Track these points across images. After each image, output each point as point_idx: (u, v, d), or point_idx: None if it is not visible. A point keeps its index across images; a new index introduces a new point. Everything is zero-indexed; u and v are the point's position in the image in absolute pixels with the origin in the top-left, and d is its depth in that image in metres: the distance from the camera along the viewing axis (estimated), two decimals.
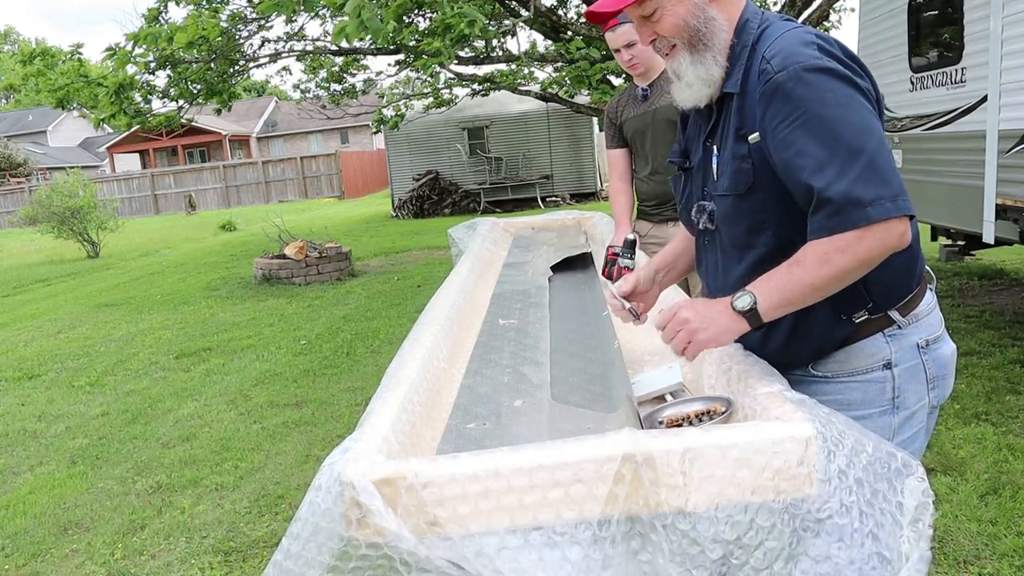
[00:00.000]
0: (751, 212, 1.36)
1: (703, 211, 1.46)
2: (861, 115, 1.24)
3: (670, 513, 1.05)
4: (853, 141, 1.21)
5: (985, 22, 4.25)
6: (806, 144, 1.23)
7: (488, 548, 1.03)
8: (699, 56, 1.37)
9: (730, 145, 1.38)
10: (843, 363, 1.39)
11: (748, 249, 1.39)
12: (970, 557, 2.48)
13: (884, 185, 1.20)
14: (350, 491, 1.04)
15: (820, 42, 1.29)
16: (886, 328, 1.37)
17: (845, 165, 1.20)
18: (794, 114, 1.24)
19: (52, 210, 13.36)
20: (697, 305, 1.34)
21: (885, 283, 1.34)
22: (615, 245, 2.46)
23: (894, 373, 1.37)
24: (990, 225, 4.28)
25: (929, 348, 1.40)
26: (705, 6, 1.36)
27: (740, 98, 1.35)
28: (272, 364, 5.59)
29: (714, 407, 1.30)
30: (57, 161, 36.84)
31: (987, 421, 3.48)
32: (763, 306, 1.27)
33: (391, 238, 13.09)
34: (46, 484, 3.76)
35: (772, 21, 1.38)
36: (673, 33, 1.37)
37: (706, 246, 1.52)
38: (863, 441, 1.09)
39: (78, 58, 8.83)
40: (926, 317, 1.41)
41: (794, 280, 1.25)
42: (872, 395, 1.38)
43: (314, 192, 26.89)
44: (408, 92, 13.51)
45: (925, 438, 1.46)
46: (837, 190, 1.20)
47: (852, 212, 1.20)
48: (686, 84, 1.41)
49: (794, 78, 1.25)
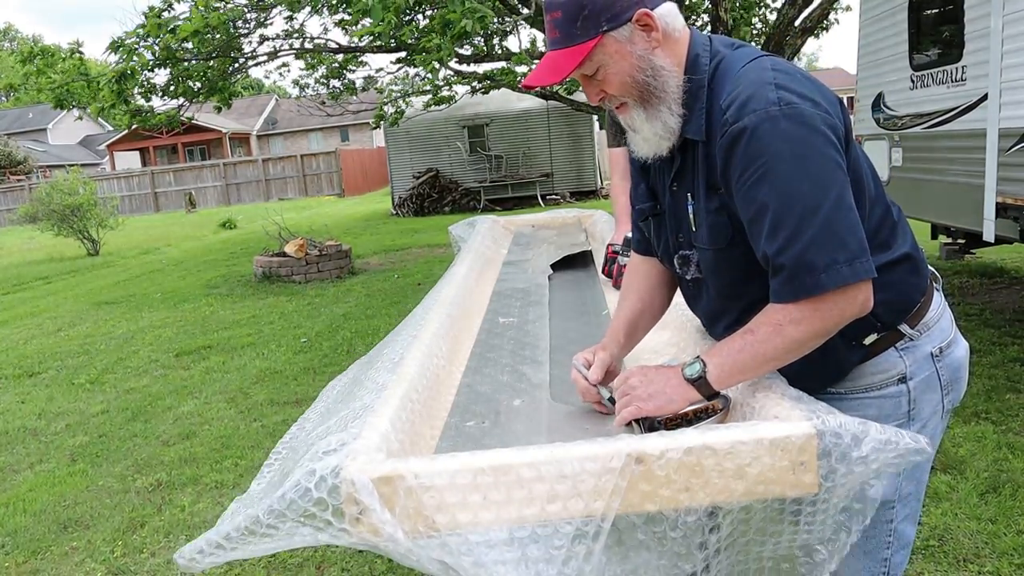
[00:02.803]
0: (736, 264, 1.30)
1: (688, 261, 1.39)
2: (819, 165, 1.16)
3: (670, 515, 1.05)
4: (809, 199, 1.14)
5: (985, 20, 4.25)
6: (762, 204, 1.17)
7: (481, 552, 1.03)
8: (653, 110, 1.28)
9: (703, 196, 1.31)
10: (857, 380, 1.35)
11: (738, 299, 1.34)
12: (970, 555, 2.48)
13: (840, 248, 1.14)
14: (348, 487, 1.04)
15: (778, 78, 1.19)
16: (898, 342, 1.33)
17: (799, 227, 1.14)
18: (750, 170, 1.18)
19: (52, 208, 13.36)
20: (648, 372, 1.32)
21: (889, 303, 1.30)
22: (615, 243, 2.46)
23: (909, 386, 1.34)
24: (990, 223, 4.28)
25: (943, 355, 1.36)
26: (649, 56, 1.26)
27: (706, 146, 1.27)
28: (272, 362, 5.59)
29: (712, 405, 1.29)
30: (57, 159, 36.82)
31: (987, 419, 3.48)
32: (713, 375, 1.24)
33: (391, 236, 13.09)
34: (46, 482, 3.76)
35: (723, 52, 1.29)
36: (620, 91, 1.28)
37: (694, 293, 1.46)
38: (862, 434, 1.08)
39: (78, 57, 8.82)
40: (936, 324, 1.37)
41: (747, 350, 1.21)
42: (888, 410, 1.34)
43: (314, 190, 26.88)
44: (408, 89, 13.50)
45: (938, 439, 1.43)
46: (790, 255, 1.15)
47: (805, 279, 1.15)
48: (643, 139, 1.33)
49: (751, 128, 1.17)
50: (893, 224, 1.34)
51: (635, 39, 1.26)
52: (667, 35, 1.27)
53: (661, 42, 1.27)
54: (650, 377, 1.30)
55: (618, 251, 2.39)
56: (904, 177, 5.55)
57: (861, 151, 1.32)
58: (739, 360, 1.22)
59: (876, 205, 1.30)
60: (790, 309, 1.18)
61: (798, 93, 1.18)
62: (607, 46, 1.25)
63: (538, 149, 17.28)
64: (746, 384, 1.31)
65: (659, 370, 1.32)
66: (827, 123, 1.19)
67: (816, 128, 1.17)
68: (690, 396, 1.26)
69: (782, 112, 1.16)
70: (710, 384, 1.25)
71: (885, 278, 1.25)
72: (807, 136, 1.16)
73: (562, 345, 1.89)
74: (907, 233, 1.37)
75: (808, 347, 1.21)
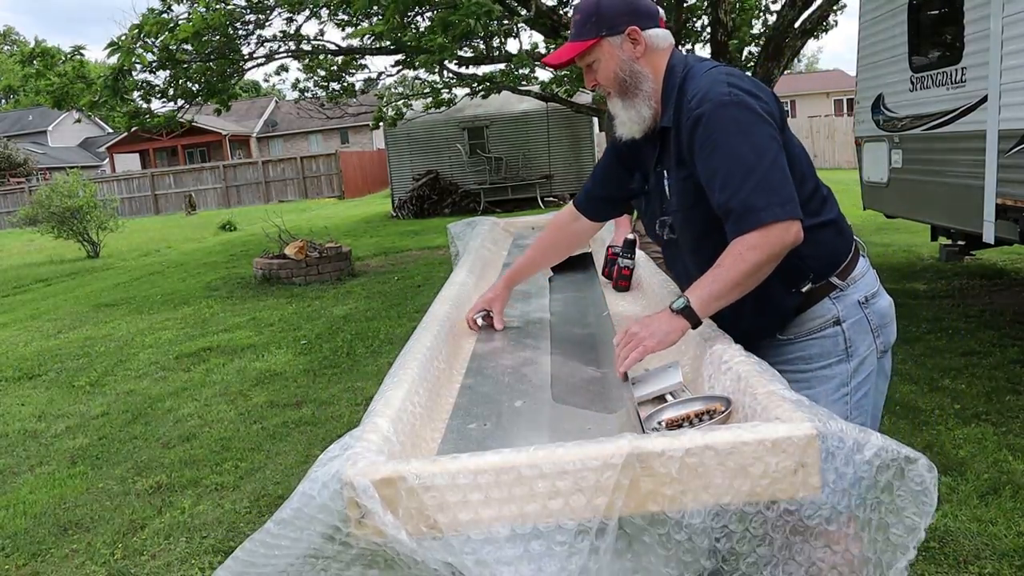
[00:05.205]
0: (699, 221, 1.64)
1: (664, 225, 1.76)
2: (758, 136, 1.51)
3: (670, 517, 1.05)
4: (750, 160, 1.49)
5: (985, 22, 4.26)
6: (716, 166, 1.52)
7: (483, 549, 1.03)
8: (629, 101, 1.68)
9: (674, 170, 1.66)
10: (801, 325, 1.68)
11: (702, 251, 1.63)
12: (970, 557, 2.48)
13: (774, 194, 1.47)
14: (349, 491, 1.04)
15: (730, 79, 1.57)
16: (831, 292, 1.66)
17: (744, 180, 1.48)
18: (707, 143, 1.53)
19: (52, 210, 13.34)
20: (643, 319, 1.57)
21: (818, 257, 1.63)
22: (615, 245, 2.47)
23: (843, 327, 1.66)
24: (990, 225, 4.28)
25: (869, 303, 1.68)
26: (631, 63, 1.66)
27: (676, 132, 1.63)
28: (272, 364, 5.59)
29: (714, 407, 1.30)
30: (57, 161, 36.82)
31: (987, 421, 3.48)
32: (696, 303, 1.50)
33: (391, 238, 13.10)
34: (46, 484, 3.76)
35: (693, 65, 1.66)
36: (606, 83, 1.69)
37: (673, 255, 1.83)
38: (863, 439, 1.09)
39: (79, 59, 8.83)
40: (862, 278, 1.69)
41: (719, 280, 1.49)
42: (828, 348, 1.66)
43: (314, 192, 26.88)
44: (408, 92, 13.50)
45: (884, 380, 1.75)
46: (737, 200, 1.49)
47: (750, 216, 1.47)
48: (620, 122, 1.72)
49: (708, 113, 1.53)
50: (823, 198, 1.69)
51: (624, 47, 1.67)
52: (651, 49, 1.67)
53: (643, 54, 1.67)
54: (645, 322, 1.55)
55: (618, 253, 2.40)
56: (904, 179, 5.55)
57: (795, 138, 1.67)
58: (714, 289, 1.49)
59: (807, 181, 1.65)
60: (744, 239, 1.48)
61: (743, 89, 1.55)
62: (603, 47, 1.67)
63: (538, 151, 17.28)
64: (747, 385, 1.31)
65: (651, 315, 1.59)
66: (765, 110, 1.55)
67: (756, 112, 1.53)
68: (681, 325, 1.50)
69: (731, 100, 1.53)
70: (695, 313, 1.50)
71: (815, 237, 1.59)
72: (749, 117, 1.52)
73: (563, 347, 1.90)
74: (834, 206, 1.71)
75: (764, 270, 1.49)
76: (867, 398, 1.71)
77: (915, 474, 1.08)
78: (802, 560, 1.11)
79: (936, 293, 5.92)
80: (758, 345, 1.63)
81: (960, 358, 4.34)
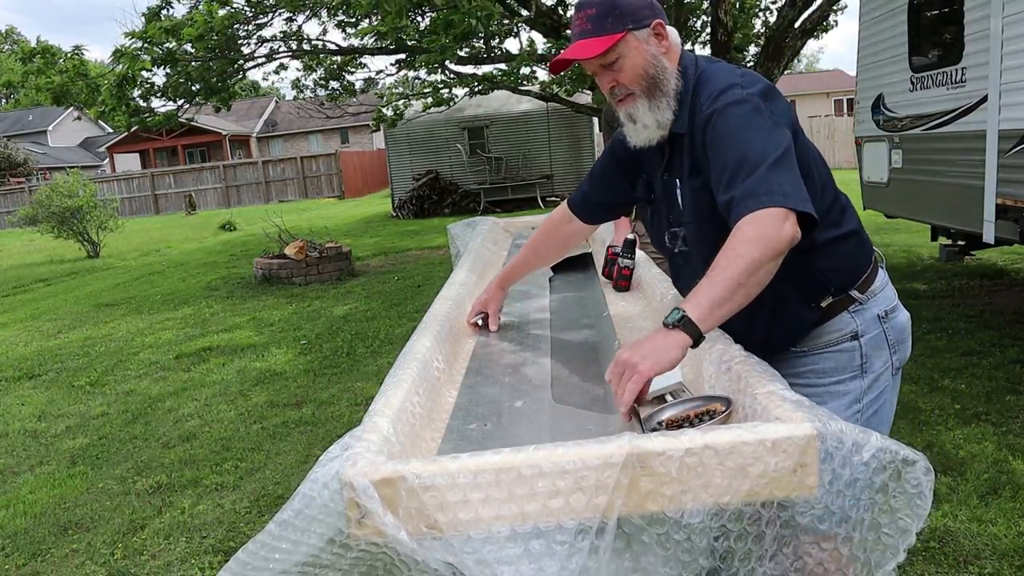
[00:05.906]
0: (717, 235, 1.45)
1: (676, 236, 1.66)
2: (769, 131, 1.44)
3: (670, 517, 1.05)
4: (759, 152, 1.41)
5: (985, 22, 4.26)
6: (725, 161, 1.44)
7: (483, 548, 1.03)
8: (656, 102, 1.56)
9: (688, 178, 1.57)
10: (816, 338, 1.60)
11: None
12: (970, 557, 2.48)
13: (780, 185, 1.36)
14: (349, 491, 1.04)
15: (743, 80, 1.52)
16: (850, 306, 1.58)
17: (752, 171, 1.39)
18: (718, 139, 1.47)
19: (52, 210, 13.34)
20: (633, 343, 1.38)
21: (840, 270, 1.56)
22: (615, 245, 2.47)
23: (861, 343, 1.58)
24: (990, 225, 4.28)
25: (888, 318, 1.61)
26: (660, 56, 1.56)
27: (690, 137, 1.55)
28: (272, 364, 5.59)
29: (714, 407, 1.30)
30: (57, 161, 36.81)
31: (987, 421, 3.48)
32: (694, 313, 1.30)
33: (391, 238, 13.10)
34: (46, 484, 3.76)
35: (703, 66, 1.59)
36: (632, 82, 1.56)
37: (681, 266, 1.72)
38: (863, 440, 1.09)
39: (79, 58, 8.84)
40: (882, 292, 1.62)
41: (717, 284, 1.31)
42: (843, 363, 1.59)
43: (314, 192, 26.88)
44: (408, 92, 13.50)
45: (894, 395, 1.67)
46: (740, 188, 1.39)
47: (750, 202, 1.36)
48: (642, 127, 1.59)
49: (720, 111, 1.48)
50: (842, 208, 1.61)
51: (650, 41, 1.56)
52: (670, 46, 1.58)
53: (668, 49, 1.57)
54: (635, 345, 1.34)
55: (618, 253, 2.40)
56: (904, 179, 5.55)
57: (812, 144, 1.58)
58: (713, 295, 1.31)
59: (826, 190, 1.56)
60: (739, 232, 1.34)
61: (756, 91, 1.51)
62: (628, 42, 1.54)
63: (538, 151, 17.28)
64: (747, 385, 1.31)
65: (642, 339, 1.38)
66: (779, 112, 1.50)
67: (768, 111, 1.48)
68: (679, 341, 1.30)
69: (744, 99, 1.48)
70: (694, 323, 1.30)
71: (836, 249, 1.55)
72: (762, 115, 1.47)
73: (563, 347, 1.90)
74: (854, 216, 1.63)
75: (764, 267, 1.31)
76: (879, 416, 1.63)
77: (912, 476, 1.08)
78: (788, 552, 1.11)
79: (936, 293, 5.92)
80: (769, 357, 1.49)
81: (960, 358, 4.34)
